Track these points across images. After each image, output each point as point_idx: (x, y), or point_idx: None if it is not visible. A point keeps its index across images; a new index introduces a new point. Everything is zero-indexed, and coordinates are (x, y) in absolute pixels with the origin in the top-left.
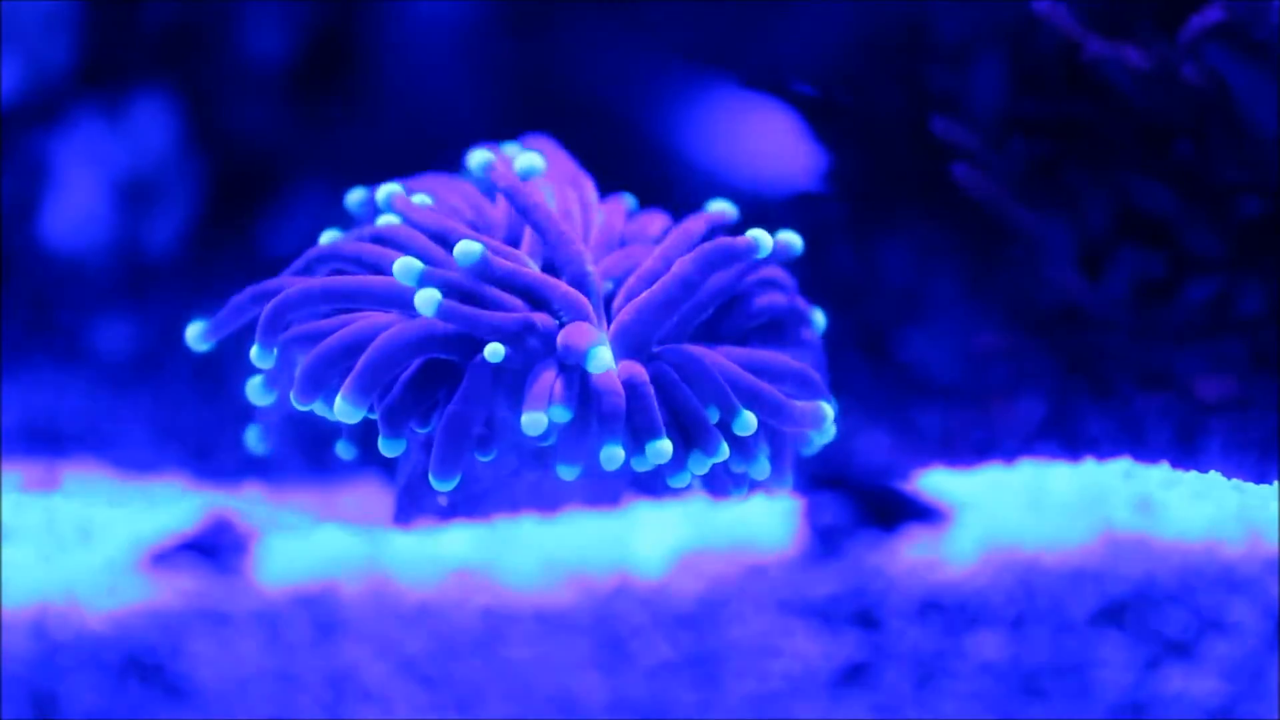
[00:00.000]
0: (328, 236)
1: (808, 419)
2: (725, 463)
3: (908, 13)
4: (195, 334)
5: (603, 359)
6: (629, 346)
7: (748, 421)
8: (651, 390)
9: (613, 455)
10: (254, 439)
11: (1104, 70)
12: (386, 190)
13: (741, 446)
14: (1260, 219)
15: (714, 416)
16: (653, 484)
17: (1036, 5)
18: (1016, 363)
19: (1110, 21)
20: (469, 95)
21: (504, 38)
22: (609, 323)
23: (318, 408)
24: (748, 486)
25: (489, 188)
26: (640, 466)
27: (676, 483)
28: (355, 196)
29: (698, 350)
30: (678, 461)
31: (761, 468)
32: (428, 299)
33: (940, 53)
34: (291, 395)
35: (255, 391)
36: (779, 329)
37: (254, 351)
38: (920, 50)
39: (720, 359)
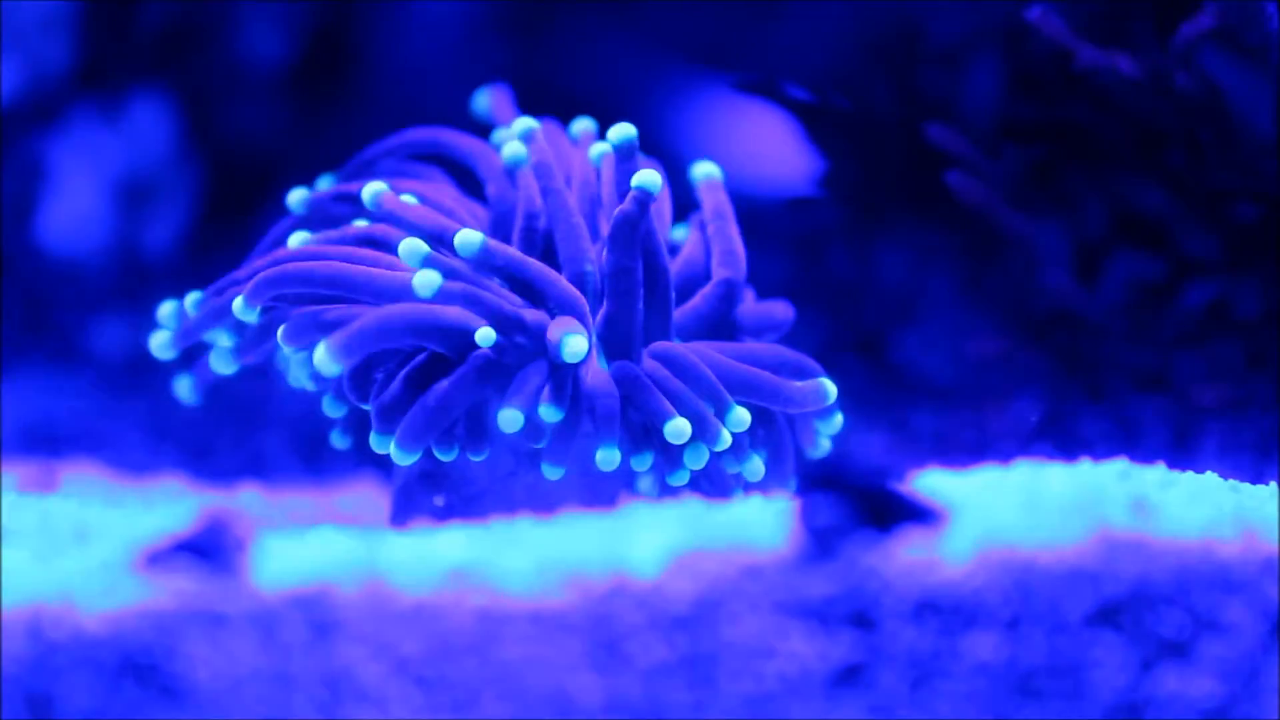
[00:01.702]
0: (296, 239)
1: (808, 398)
2: (720, 463)
3: (902, 16)
4: (160, 344)
5: (575, 347)
6: (614, 347)
7: (740, 418)
8: (648, 381)
9: (609, 458)
10: (185, 388)
11: (1098, 77)
12: (372, 190)
13: (735, 445)
14: (1256, 223)
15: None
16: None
17: (1029, 14)
18: (1012, 365)
19: (1104, 26)
20: (466, 95)
21: (501, 38)
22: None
23: (294, 364)
24: (743, 488)
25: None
26: (640, 466)
27: (675, 480)
28: (297, 196)
29: (685, 346)
30: (674, 459)
31: (755, 468)
32: (428, 281)
33: (935, 56)
34: (279, 335)
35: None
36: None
37: (237, 303)
38: (915, 54)
39: (710, 353)
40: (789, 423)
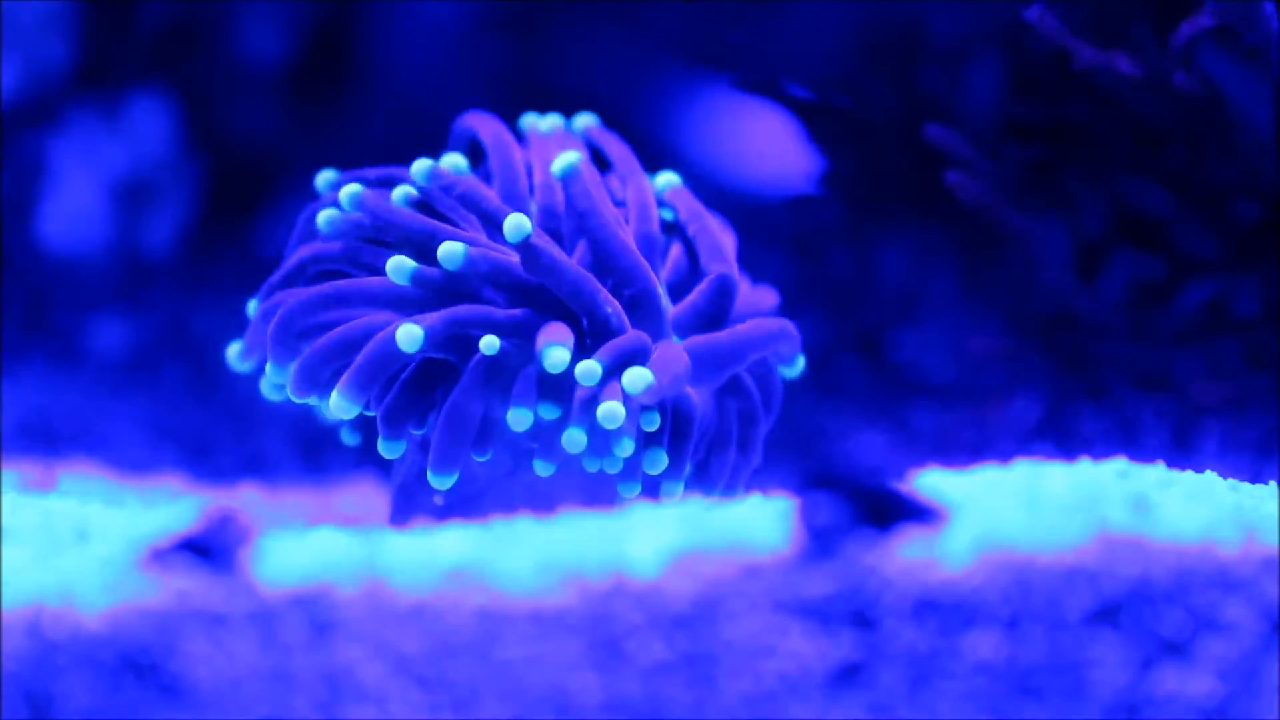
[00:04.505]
0: (325, 216)
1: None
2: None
3: (903, 16)
4: (234, 354)
5: (556, 358)
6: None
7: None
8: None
9: (575, 440)
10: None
11: (1097, 77)
12: (349, 192)
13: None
14: (1255, 222)
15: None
16: (648, 484)
17: (1027, 14)
18: (1012, 364)
19: (1103, 25)
20: (466, 95)
21: (501, 38)
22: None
23: (312, 402)
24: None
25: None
26: (612, 468)
27: (628, 492)
28: (325, 178)
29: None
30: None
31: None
32: (410, 335)
33: (935, 56)
34: (288, 389)
35: (271, 390)
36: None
37: (269, 368)
38: (916, 53)
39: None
40: (764, 404)
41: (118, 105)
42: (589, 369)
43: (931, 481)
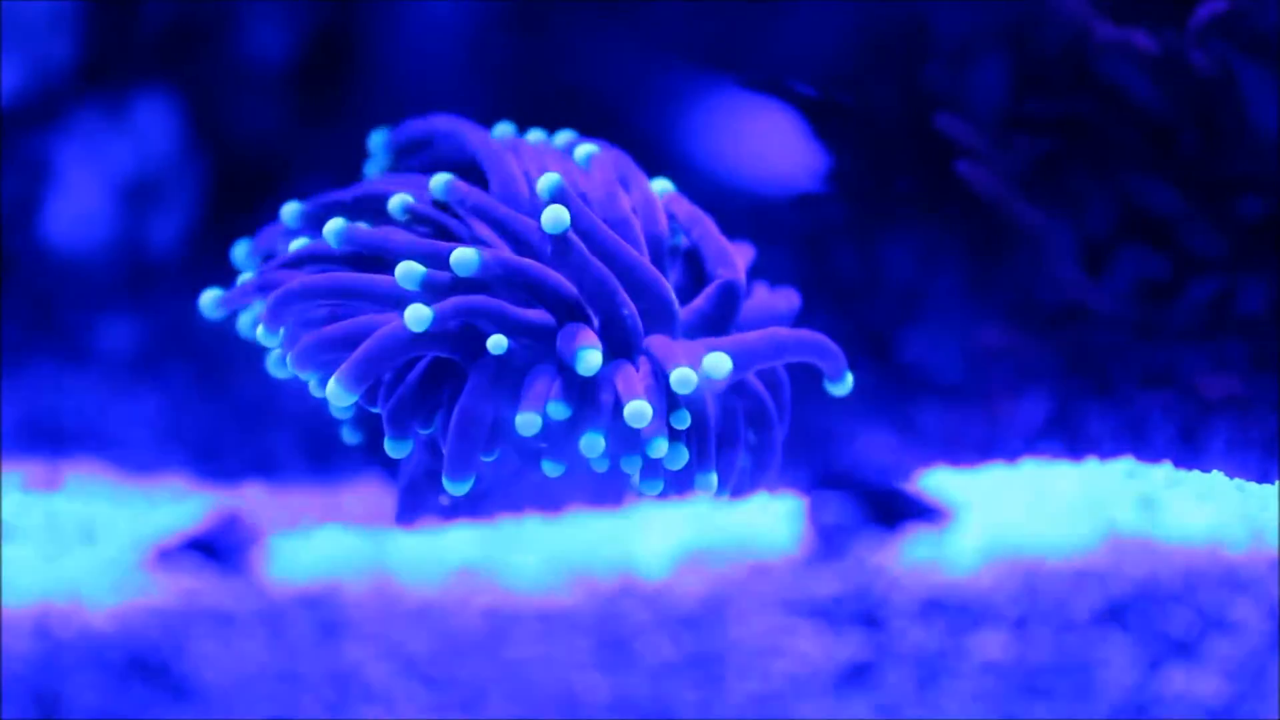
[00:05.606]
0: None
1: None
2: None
3: (909, 12)
4: (209, 301)
5: (591, 361)
6: (614, 348)
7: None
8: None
9: (593, 444)
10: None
11: (1110, 63)
12: (334, 226)
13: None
14: (1263, 218)
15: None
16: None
17: None
18: (1019, 362)
19: (1116, 17)
20: (470, 95)
21: (505, 37)
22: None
23: (312, 384)
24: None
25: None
26: (632, 467)
27: (651, 490)
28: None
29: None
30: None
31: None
32: (418, 317)
33: (941, 52)
34: (288, 362)
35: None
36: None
37: (259, 330)
38: (921, 50)
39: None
40: (778, 415)
41: (122, 104)
42: (684, 375)
43: (939, 481)
